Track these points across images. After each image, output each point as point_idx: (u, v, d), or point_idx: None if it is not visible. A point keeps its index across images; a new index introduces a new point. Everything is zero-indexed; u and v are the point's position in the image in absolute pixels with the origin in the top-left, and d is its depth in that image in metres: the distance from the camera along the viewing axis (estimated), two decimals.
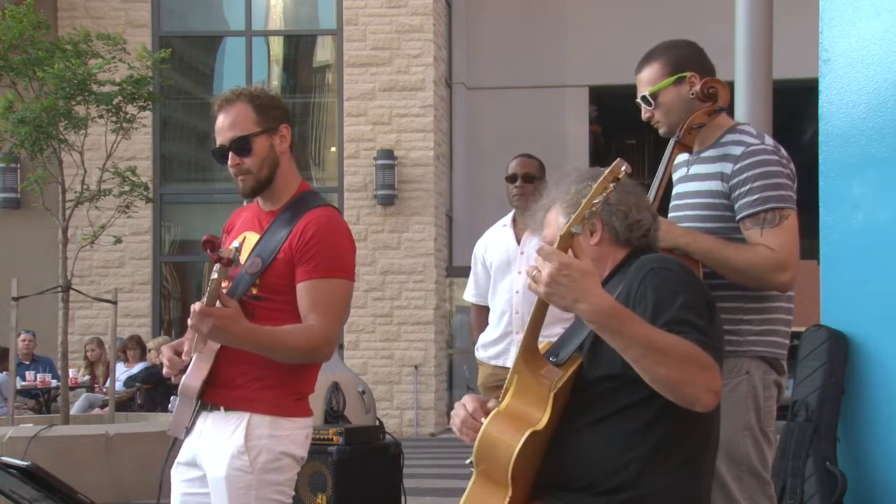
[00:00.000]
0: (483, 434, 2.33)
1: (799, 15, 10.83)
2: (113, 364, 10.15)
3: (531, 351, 2.40)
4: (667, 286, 2.36)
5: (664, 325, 2.29)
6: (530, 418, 2.32)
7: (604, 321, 2.24)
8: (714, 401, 2.29)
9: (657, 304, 2.33)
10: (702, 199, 3.35)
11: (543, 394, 2.34)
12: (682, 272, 2.42)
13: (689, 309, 2.33)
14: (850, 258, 4.49)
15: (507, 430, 2.31)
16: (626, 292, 2.40)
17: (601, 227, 2.52)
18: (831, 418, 4.55)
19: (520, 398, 2.35)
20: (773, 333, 3.34)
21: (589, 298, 2.22)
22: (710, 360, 2.27)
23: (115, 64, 9.12)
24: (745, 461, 3.24)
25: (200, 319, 2.94)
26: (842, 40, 4.55)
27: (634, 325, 2.24)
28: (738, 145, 3.33)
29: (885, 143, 4.35)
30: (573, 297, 2.22)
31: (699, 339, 2.28)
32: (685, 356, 2.24)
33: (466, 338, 15.71)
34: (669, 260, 2.47)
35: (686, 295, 2.35)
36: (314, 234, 3.15)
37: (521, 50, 16.76)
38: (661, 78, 3.38)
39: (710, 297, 2.44)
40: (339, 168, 15.50)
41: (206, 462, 3.17)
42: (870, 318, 4.44)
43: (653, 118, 3.42)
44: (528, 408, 2.34)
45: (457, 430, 2.46)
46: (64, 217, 9.24)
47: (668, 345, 2.24)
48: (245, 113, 3.20)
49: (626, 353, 2.26)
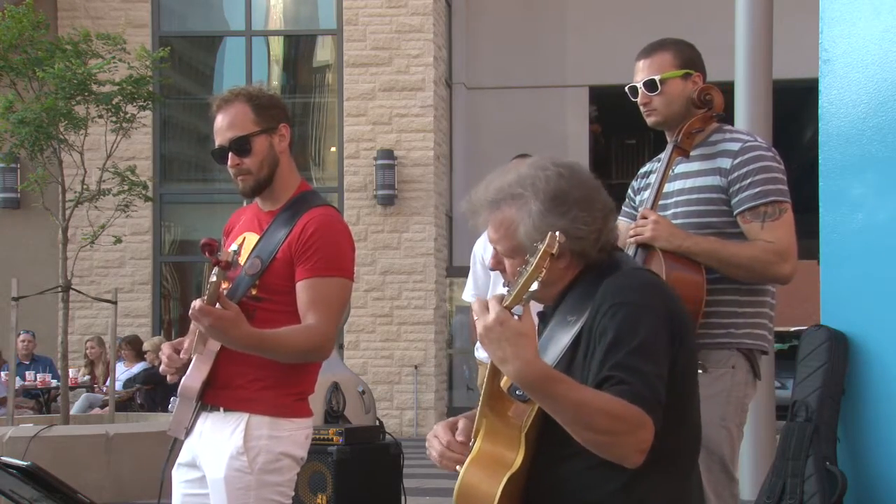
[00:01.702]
0: (461, 485, 2.32)
1: (799, 15, 10.83)
2: (113, 364, 10.15)
3: (494, 397, 2.36)
4: (627, 324, 2.29)
5: (610, 369, 2.25)
6: (504, 460, 2.30)
7: (531, 385, 2.20)
8: (641, 459, 2.25)
9: (612, 342, 2.28)
10: (698, 194, 3.37)
11: (514, 435, 2.32)
12: (645, 305, 2.32)
13: (642, 351, 2.26)
14: (850, 258, 4.49)
15: (484, 478, 2.30)
16: (590, 324, 2.34)
17: (570, 256, 2.41)
18: (831, 418, 4.55)
19: (490, 442, 2.34)
20: (761, 327, 3.40)
21: (517, 362, 2.18)
22: (642, 418, 2.22)
23: (115, 64, 9.12)
24: (717, 452, 3.29)
25: (200, 316, 2.94)
26: (842, 40, 4.55)
27: (563, 391, 2.20)
28: (734, 142, 3.37)
29: (885, 143, 4.35)
30: (501, 355, 2.19)
31: (636, 394, 2.22)
32: (614, 419, 2.20)
33: (466, 338, 15.71)
34: (631, 288, 2.36)
35: (644, 332, 2.28)
36: (314, 233, 3.14)
37: (521, 50, 16.75)
38: (672, 68, 3.39)
39: (678, 320, 2.36)
40: (339, 168, 15.50)
41: (206, 463, 3.16)
42: (870, 318, 4.44)
43: (650, 104, 3.41)
44: (500, 448, 2.32)
45: (436, 463, 2.46)
46: (64, 217, 9.23)
47: (600, 406, 2.20)
48: (244, 113, 3.20)
49: (555, 416, 2.24)
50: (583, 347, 2.35)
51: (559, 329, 2.43)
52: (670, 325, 2.34)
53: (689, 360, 2.40)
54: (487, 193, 2.45)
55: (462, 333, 16.16)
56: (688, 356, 2.39)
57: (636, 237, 3.29)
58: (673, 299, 2.42)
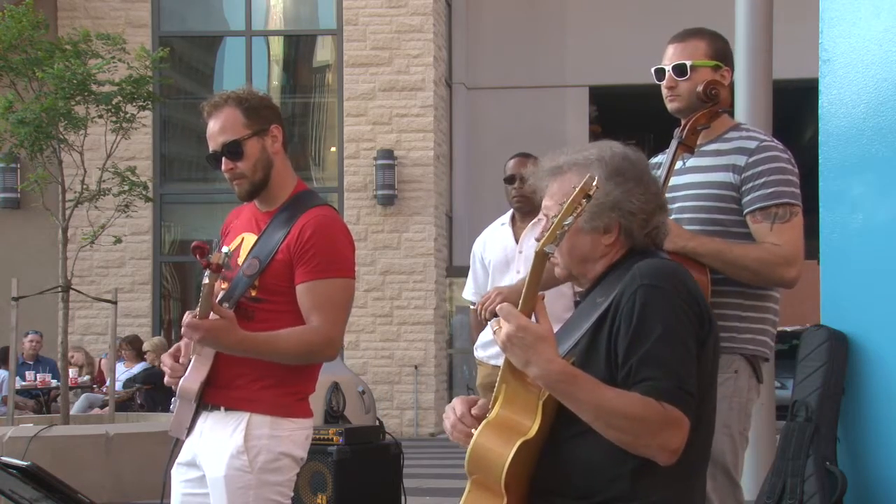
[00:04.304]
0: (474, 445, 2.34)
1: (799, 15, 10.83)
2: (113, 364, 10.15)
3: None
4: (653, 308, 2.32)
5: (637, 363, 2.28)
6: (520, 427, 2.33)
7: (554, 385, 2.28)
8: (671, 459, 2.28)
9: (637, 331, 2.30)
10: (709, 189, 3.34)
11: (532, 402, 2.34)
12: (673, 289, 2.35)
13: (668, 340, 2.29)
14: (850, 258, 4.48)
15: (498, 441, 2.31)
16: (617, 301, 2.37)
17: (617, 230, 2.46)
18: (831, 418, 4.54)
19: (508, 407, 2.36)
20: (764, 333, 3.37)
21: (540, 363, 2.26)
22: (667, 416, 2.25)
23: (115, 64, 9.12)
24: (720, 460, 3.26)
25: (191, 332, 2.96)
26: (842, 40, 4.55)
27: (585, 390, 2.27)
28: (752, 140, 3.34)
29: (885, 143, 4.35)
30: (525, 359, 2.28)
31: (663, 390, 2.26)
32: (633, 421, 2.25)
33: (466, 338, 15.71)
34: (664, 273, 2.39)
35: (670, 320, 2.31)
36: (312, 234, 3.14)
37: (521, 50, 16.75)
38: (704, 57, 3.37)
39: (703, 309, 2.39)
40: (339, 168, 15.50)
41: (206, 462, 3.16)
42: (870, 318, 4.43)
43: (675, 88, 3.37)
44: (517, 416, 2.34)
45: (448, 434, 2.49)
46: (64, 217, 9.23)
47: (619, 408, 2.25)
48: (234, 117, 3.19)
49: (579, 414, 2.29)
50: (608, 324, 2.37)
51: (587, 309, 2.48)
52: (697, 313, 2.37)
53: (711, 360, 2.42)
54: (555, 161, 2.56)
55: (462, 333, 16.15)
56: (710, 354, 2.41)
57: None
58: (699, 290, 2.44)
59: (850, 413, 4.51)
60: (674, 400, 2.26)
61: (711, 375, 2.43)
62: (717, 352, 2.48)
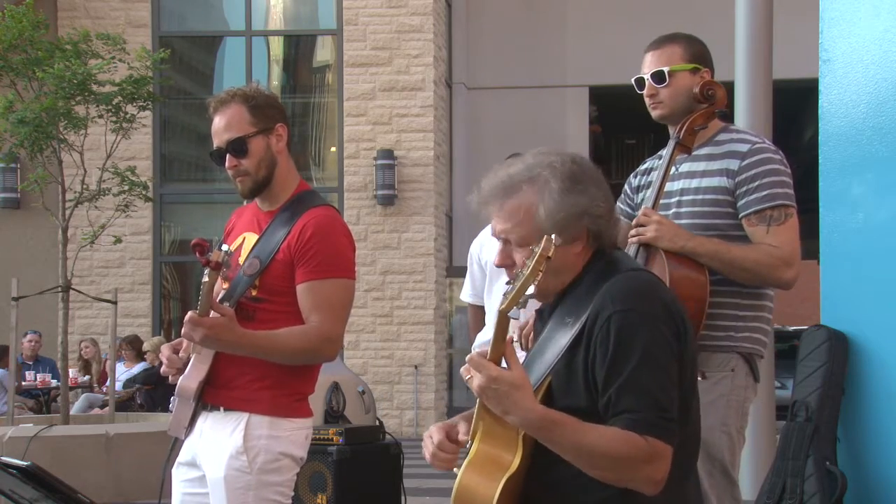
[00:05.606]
0: (459, 487, 2.33)
1: (799, 15, 10.83)
2: (113, 364, 10.15)
3: None
4: (628, 334, 2.27)
5: (616, 392, 2.25)
6: (502, 461, 2.31)
7: (535, 433, 2.26)
8: (656, 490, 2.26)
9: (614, 359, 2.26)
10: (704, 195, 3.34)
11: (511, 436, 2.32)
12: (648, 311, 2.30)
13: (645, 366, 2.25)
14: (850, 258, 4.48)
15: (481, 479, 2.30)
16: (589, 327, 2.32)
17: (586, 237, 2.41)
18: (831, 418, 4.54)
19: (488, 441, 2.34)
20: (760, 331, 3.38)
21: (518, 413, 2.23)
22: (651, 451, 2.22)
23: (115, 64, 9.12)
24: (717, 457, 3.27)
25: (191, 329, 2.96)
26: (842, 40, 4.55)
27: (567, 435, 2.23)
28: (743, 143, 3.34)
29: (885, 143, 4.35)
30: (502, 409, 2.24)
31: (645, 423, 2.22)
32: (615, 460, 2.22)
33: (466, 338, 15.67)
34: (635, 294, 2.33)
35: (647, 344, 2.27)
36: (312, 234, 3.14)
37: (521, 50, 16.75)
38: (681, 61, 3.37)
39: (677, 322, 2.34)
40: (339, 168, 15.50)
41: (205, 462, 3.16)
42: (870, 318, 4.44)
43: (656, 96, 3.38)
44: (497, 450, 2.32)
45: (429, 462, 2.47)
46: (64, 217, 9.23)
47: (602, 450, 2.22)
48: (240, 114, 3.19)
49: (562, 455, 2.27)
50: (582, 352, 2.33)
51: (557, 330, 2.42)
52: (673, 326, 2.33)
53: (690, 363, 2.39)
54: (497, 182, 2.44)
55: (462, 333, 16.15)
56: (688, 358, 2.38)
57: (638, 237, 3.26)
58: (673, 300, 2.40)
59: (850, 413, 4.52)
60: (656, 432, 2.23)
61: (691, 377, 2.40)
62: (696, 352, 2.45)
